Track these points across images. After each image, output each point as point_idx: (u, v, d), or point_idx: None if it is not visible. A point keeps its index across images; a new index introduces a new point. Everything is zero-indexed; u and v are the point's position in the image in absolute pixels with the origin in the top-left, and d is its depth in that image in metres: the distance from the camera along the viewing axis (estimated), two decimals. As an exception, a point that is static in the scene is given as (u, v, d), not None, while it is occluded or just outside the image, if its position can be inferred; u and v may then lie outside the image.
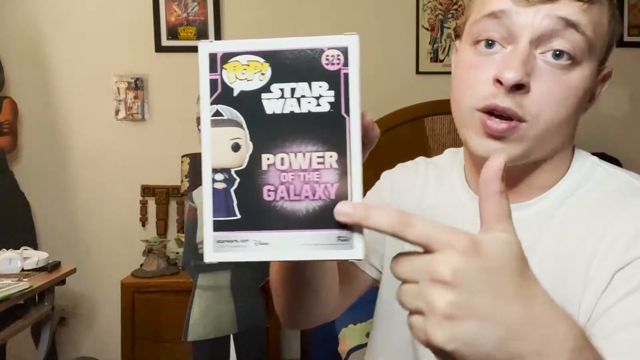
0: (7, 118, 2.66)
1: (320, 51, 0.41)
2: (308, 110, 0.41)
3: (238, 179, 0.42)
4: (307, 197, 0.41)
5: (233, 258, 0.42)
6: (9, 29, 2.78)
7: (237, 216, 0.42)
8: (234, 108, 0.42)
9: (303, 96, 0.41)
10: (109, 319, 2.73)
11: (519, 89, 0.58)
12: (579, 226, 0.62)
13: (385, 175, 0.86)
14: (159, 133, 2.83)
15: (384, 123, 2.60)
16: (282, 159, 0.41)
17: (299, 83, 0.41)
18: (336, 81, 0.41)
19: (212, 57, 0.42)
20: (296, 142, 0.41)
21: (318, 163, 0.41)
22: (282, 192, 0.41)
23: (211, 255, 0.42)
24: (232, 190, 0.42)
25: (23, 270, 1.98)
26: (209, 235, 0.42)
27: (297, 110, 0.41)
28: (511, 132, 0.59)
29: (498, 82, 0.58)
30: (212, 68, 0.42)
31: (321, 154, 0.41)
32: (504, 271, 0.38)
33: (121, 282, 2.49)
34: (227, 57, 0.42)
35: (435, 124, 2.72)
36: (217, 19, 2.80)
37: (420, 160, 0.84)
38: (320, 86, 0.41)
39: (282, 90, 0.41)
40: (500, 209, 0.40)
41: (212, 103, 0.42)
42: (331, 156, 0.41)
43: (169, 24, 2.80)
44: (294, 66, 0.41)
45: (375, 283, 0.83)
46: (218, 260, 0.42)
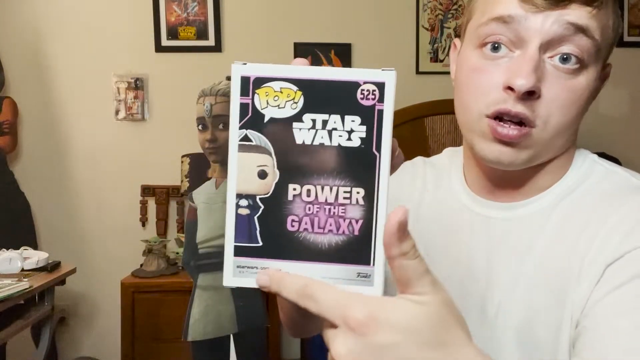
0: (7, 118, 2.67)
1: (356, 85, 0.40)
2: (338, 143, 0.41)
3: (262, 207, 0.41)
4: (331, 231, 0.41)
5: (252, 284, 0.42)
6: (9, 29, 2.78)
7: (259, 243, 0.42)
8: (263, 134, 0.41)
9: (335, 129, 0.41)
10: (109, 319, 2.73)
11: (531, 95, 0.58)
12: (577, 223, 0.62)
13: None
14: (159, 133, 2.83)
15: (384, 123, 2.60)
16: (309, 191, 0.41)
17: (332, 115, 0.41)
18: (369, 117, 0.40)
19: (245, 81, 0.41)
20: (324, 175, 0.41)
21: (344, 198, 0.41)
22: (306, 224, 0.41)
23: (230, 279, 0.42)
24: (256, 217, 0.42)
25: (23, 270, 1.98)
26: (229, 259, 0.42)
27: (328, 142, 0.41)
28: (523, 139, 0.59)
29: (509, 89, 0.58)
30: (244, 91, 0.41)
31: (348, 189, 0.41)
32: (413, 343, 0.36)
33: (121, 282, 2.49)
34: (260, 82, 0.41)
35: (435, 124, 2.72)
36: (217, 19, 2.80)
37: (418, 160, 0.84)
38: (353, 120, 0.40)
39: (314, 121, 0.41)
40: (408, 272, 0.38)
41: (242, 127, 0.41)
42: (358, 192, 0.41)
43: (169, 24, 2.80)
44: (328, 97, 0.41)
45: None
46: (237, 285, 0.42)
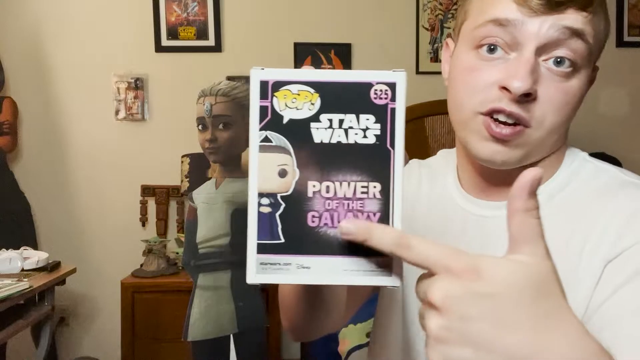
0: (7, 118, 2.67)
1: (369, 85, 0.43)
2: (355, 141, 0.43)
3: (283, 204, 0.43)
4: None
5: (275, 280, 0.43)
6: (9, 29, 2.78)
7: (281, 240, 0.43)
8: (283, 135, 0.43)
9: (350, 127, 0.43)
10: (109, 319, 2.73)
11: (527, 97, 0.59)
12: (568, 220, 0.62)
13: None
14: (159, 133, 2.83)
15: (384, 123, 2.60)
16: (328, 187, 0.43)
17: (347, 115, 0.43)
18: (383, 115, 0.43)
19: (264, 85, 0.43)
20: (342, 171, 0.43)
21: (362, 192, 0.43)
22: (326, 219, 0.43)
23: (254, 276, 0.43)
24: (277, 214, 0.43)
25: (23, 270, 1.98)
26: (252, 257, 0.43)
27: (344, 140, 0.43)
28: (516, 136, 0.60)
29: (505, 90, 0.59)
30: (263, 95, 0.43)
31: (365, 184, 0.43)
32: (510, 299, 0.36)
33: (121, 282, 2.50)
34: (279, 85, 0.43)
35: (435, 124, 2.72)
36: (217, 19, 2.80)
37: (413, 162, 0.84)
38: (367, 119, 0.43)
39: (331, 120, 0.43)
40: (525, 230, 0.39)
41: (262, 129, 0.43)
42: (375, 186, 0.43)
43: (169, 24, 2.80)
44: (343, 98, 0.43)
45: (377, 288, 0.83)
46: (260, 282, 0.43)
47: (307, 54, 2.83)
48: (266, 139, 0.43)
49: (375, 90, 0.43)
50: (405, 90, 0.43)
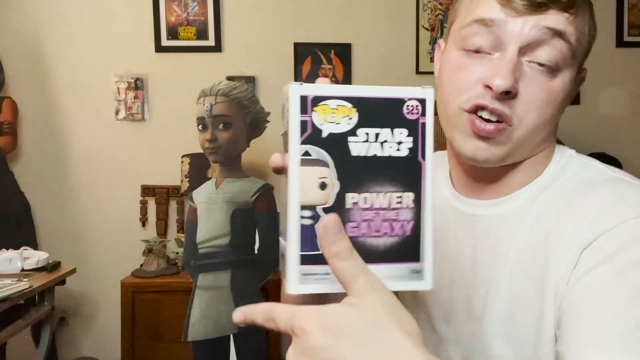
0: (7, 118, 2.67)
1: (401, 101, 0.45)
2: (389, 154, 0.45)
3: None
4: (386, 234, 0.45)
5: (317, 290, 0.45)
6: (9, 29, 2.78)
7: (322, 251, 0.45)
8: (322, 149, 0.44)
9: (386, 141, 0.45)
10: (109, 319, 2.73)
11: (507, 94, 0.60)
12: (552, 214, 0.63)
13: None
14: (159, 133, 2.83)
15: (384, 123, 2.60)
16: (365, 198, 0.45)
17: (383, 129, 0.45)
18: (415, 129, 0.45)
19: (304, 100, 0.44)
20: (378, 183, 0.45)
21: (397, 202, 0.45)
22: (364, 229, 0.45)
23: (297, 287, 0.44)
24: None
25: (23, 270, 1.98)
26: (295, 268, 0.44)
27: (380, 153, 0.45)
28: (498, 133, 0.62)
29: (488, 88, 0.61)
30: (303, 110, 0.44)
31: (400, 194, 0.45)
32: (340, 345, 0.39)
33: (121, 282, 2.50)
34: (318, 100, 0.44)
35: (435, 124, 2.71)
36: (217, 19, 2.81)
37: None
38: (401, 133, 0.45)
39: (367, 134, 0.45)
40: (342, 273, 0.41)
41: (302, 143, 0.44)
42: (409, 197, 0.46)
43: (169, 24, 2.80)
44: (379, 113, 0.45)
45: None
46: (303, 292, 0.44)
47: (307, 54, 2.83)
48: (306, 153, 0.44)
49: (407, 105, 0.45)
50: (433, 105, 0.46)
